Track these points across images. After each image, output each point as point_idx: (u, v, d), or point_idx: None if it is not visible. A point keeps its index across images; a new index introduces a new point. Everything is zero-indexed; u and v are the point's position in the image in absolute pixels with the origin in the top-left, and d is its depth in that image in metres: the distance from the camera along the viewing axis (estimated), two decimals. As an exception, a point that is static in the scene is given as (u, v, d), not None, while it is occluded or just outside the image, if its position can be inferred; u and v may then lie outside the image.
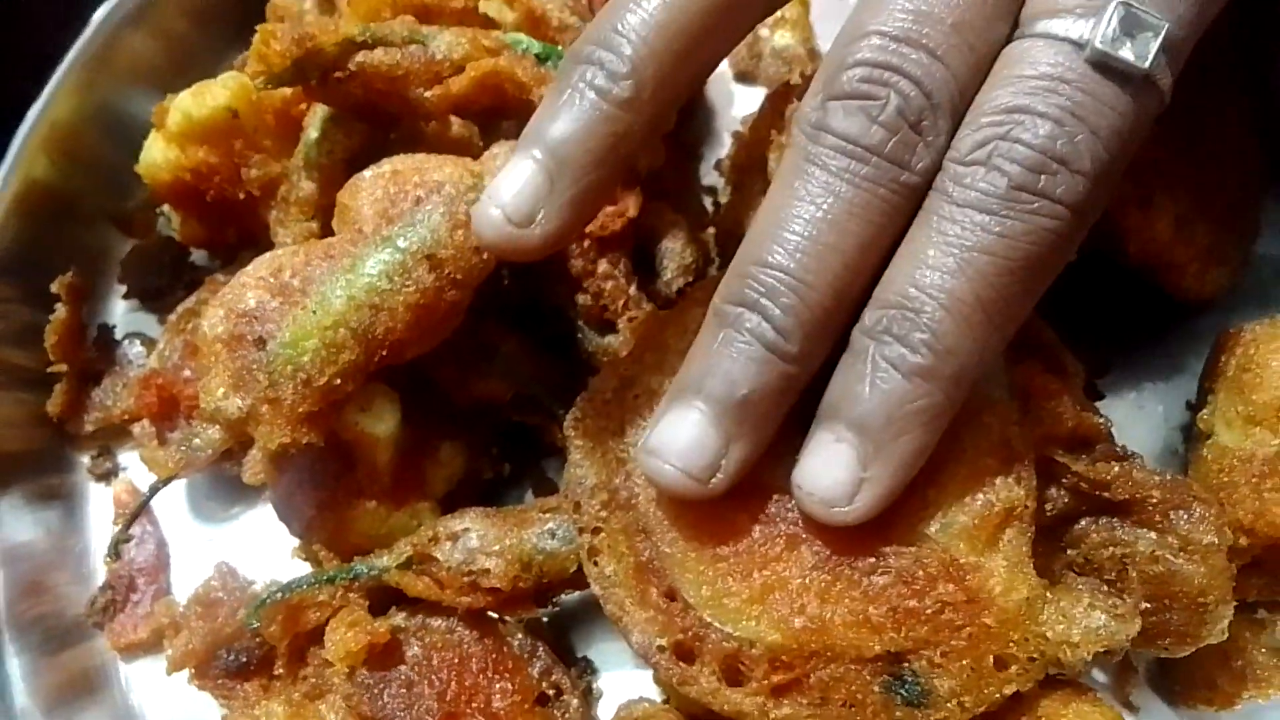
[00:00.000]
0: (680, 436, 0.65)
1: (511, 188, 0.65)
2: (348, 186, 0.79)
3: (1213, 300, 0.88)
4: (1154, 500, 0.67)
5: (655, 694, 0.83)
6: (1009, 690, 0.64)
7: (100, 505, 0.98)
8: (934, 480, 0.66)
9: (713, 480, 0.65)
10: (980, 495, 0.66)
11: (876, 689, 0.64)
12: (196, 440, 0.86)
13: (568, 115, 0.64)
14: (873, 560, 0.65)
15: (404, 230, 0.75)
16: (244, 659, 0.84)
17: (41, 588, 0.93)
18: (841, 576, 0.65)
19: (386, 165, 0.79)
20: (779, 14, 1.09)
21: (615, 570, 0.70)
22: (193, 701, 0.86)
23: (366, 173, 0.79)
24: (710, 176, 1.04)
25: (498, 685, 0.78)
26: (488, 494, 0.89)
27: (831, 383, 0.65)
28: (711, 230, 0.96)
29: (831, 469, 0.64)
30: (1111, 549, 0.68)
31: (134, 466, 0.98)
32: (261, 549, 0.92)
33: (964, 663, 0.64)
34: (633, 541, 0.70)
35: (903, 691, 0.64)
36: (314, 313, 0.73)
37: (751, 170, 0.94)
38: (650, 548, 0.69)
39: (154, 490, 0.88)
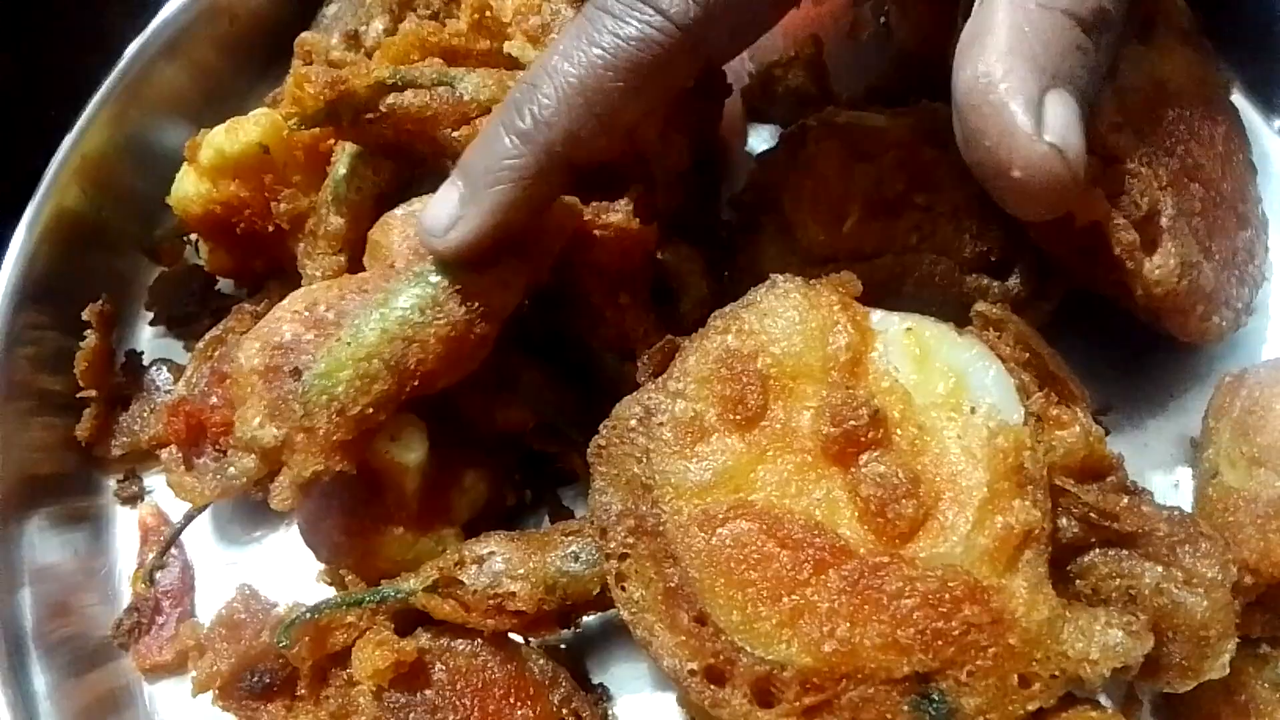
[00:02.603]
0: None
1: (432, 208, 0.76)
2: (380, 224, 0.82)
3: (1218, 343, 0.91)
4: (1161, 534, 0.69)
5: (671, 719, 0.85)
6: (1032, 707, 0.66)
7: (126, 528, 1.01)
8: (953, 502, 0.68)
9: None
10: (999, 518, 0.68)
11: (905, 708, 0.66)
12: (231, 469, 0.88)
13: (482, 148, 0.75)
14: (900, 584, 0.67)
15: (436, 266, 0.77)
16: (268, 680, 0.85)
17: (68, 608, 0.95)
18: (869, 600, 0.67)
19: (417, 204, 0.82)
20: (792, 54, 1.13)
21: (644, 595, 0.72)
22: (216, 723, 0.87)
23: (398, 211, 0.82)
24: (726, 213, 1.07)
25: (519, 712, 0.79)
26: (507, 520, 0.91)
27: None
28: (726, 265, 0.98)
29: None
30: (1118, 580, 0.70)
31: (160, 490, 1.01)
32: (284, 572, 0.94)
33: (989, 681, 0.66)
34: (660, 567, 0.72)
35: (931, 711, 0.66)
36: (348, 345, 0.75)
37: (765, 210, 0.97)
38: (679, 573, 0.71)
39: (189, 518, 0.90)
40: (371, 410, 0.75)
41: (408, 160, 0.91)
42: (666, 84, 0.75)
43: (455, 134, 0.86)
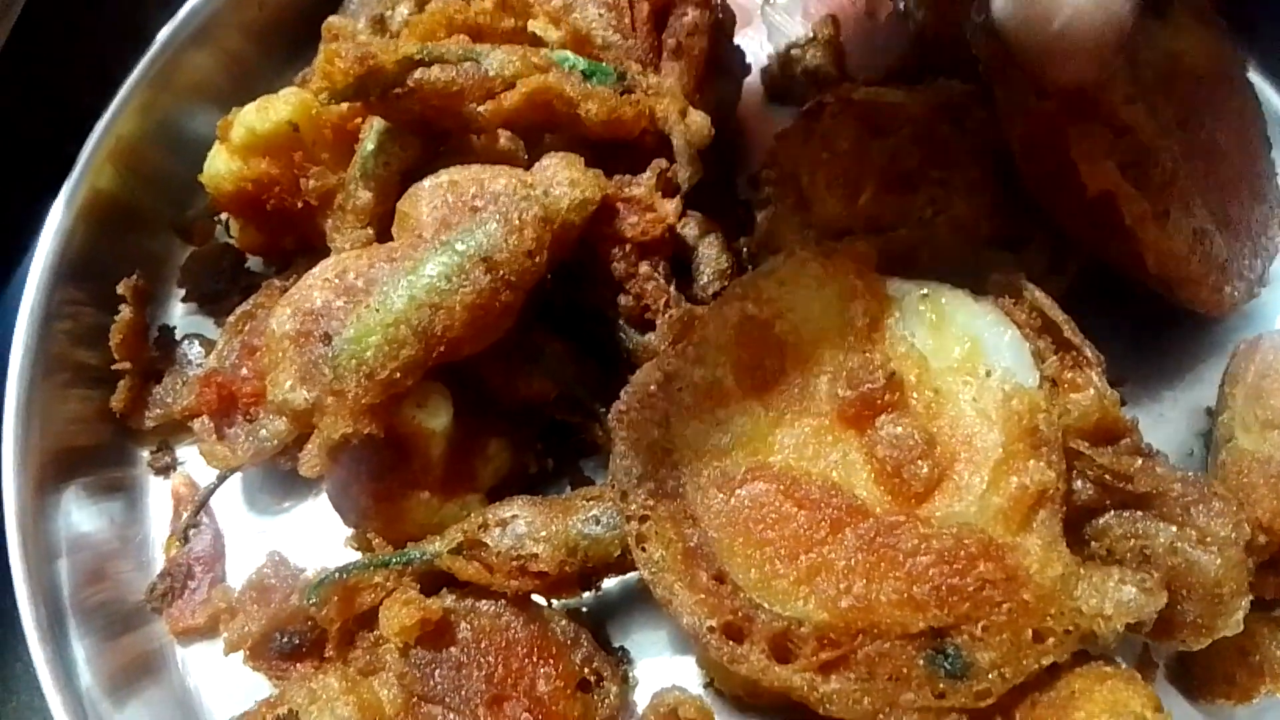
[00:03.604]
0: None
1: None
2: (408, 195, 0.84)
3: (1232, 314, 0.92)
4: (1174, 494, 0.70)
5: (689, 682, 0.87)
6: (1046, 661, 0.68)
7: (159, 498, 1.03)
8: (968, 463, 0.70)
9: None
10: (1014, 478, 0.70)
11: (921, 663, 0.68)
12: (263, 431, 0.90)
13: None
14: (915, 542, 0.69)
15: (462, 235, 0.79)
16: (296, 641, 0.88)
17: (104, 575, 0.98)
18: (885, 557, 0.69)
19: (445, 175, 0.84)
20: (810, 35, 1.14)
21: (664, 556, 0.74)
22: (246, 683, 0.90)
23: (426, 182, 0.84)
24: (743, 190, 1.08)
25: (542, 670, 0.81)
26: (530, 489, 0.92)
27: None
28: (744, 239, 1.00)
29: None
30: (1132, 541, 0.71)
31: (192, 461, 1.03)
32: (313, 540, 0.96)
33: (1004, 636, 0.68)
34: (680, 528, 0.74)
35: (946, 665, 0.68)
36: (377, 311, 0.77)
37: (783, 185, 0.98)
38: (698, 534, 0.73)
39: (221, 479, 0.92)
40: (399, 375, 0.77)
41: (434, 136, 0.92)
42: None
43: (480, 108, 0.88)
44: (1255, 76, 1.00)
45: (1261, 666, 0.78)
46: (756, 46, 1.14)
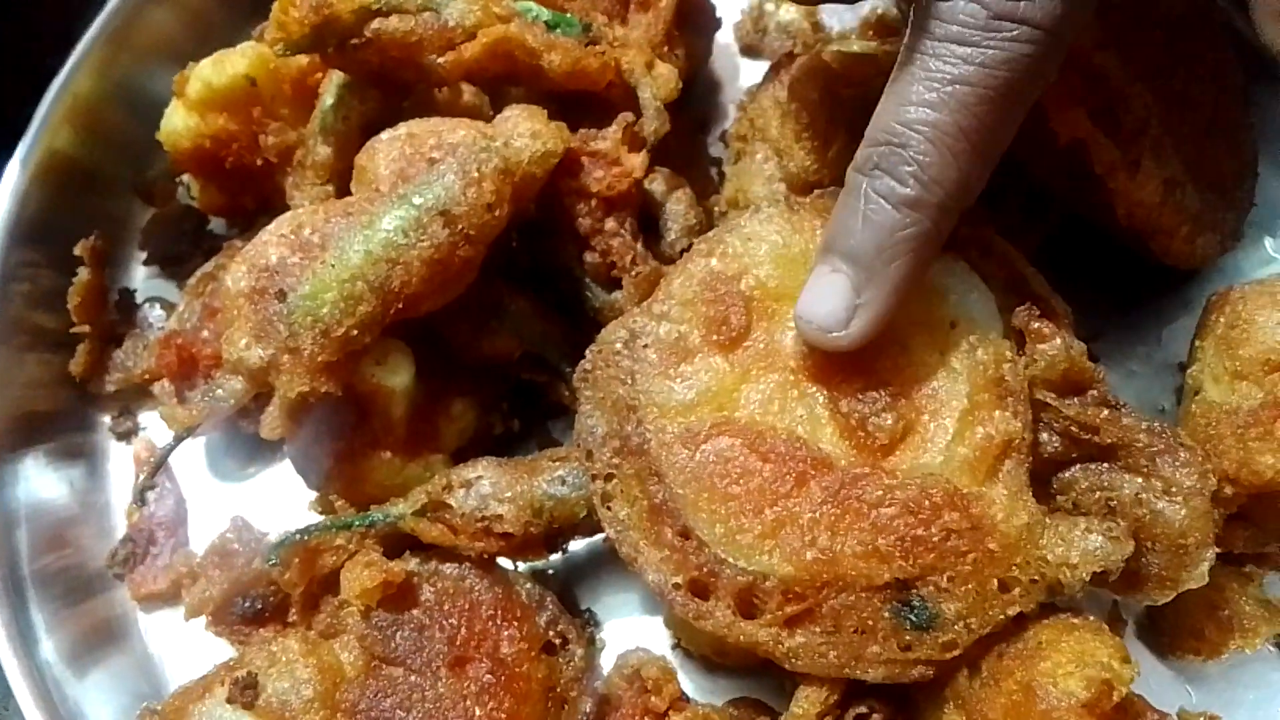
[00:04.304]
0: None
1: (821, 303, 0.69)
2: (365, 149, 0.82)
3: (1205, 266, 0.91)
4: (1140, 445, 0.70)
5: (657, 644, 0.86)
6: (1012, 611, 0.67)
7: (121, 463, 1.01)
8: (934, 415, 0.69)
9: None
10: (979, 429, 0.69)
11: (886, 615, 0.67)
12: (219, 391, 0.88)
13: (864, 227, 0.67)
14: (879, 493, 0.68)
15: (420, 189, 0.77)
16: (259, 606, 0.86)
17: (63, 541, 0.96)
18: (850, 509, 0.68)
19: (403, 129, 0.82)
20: (784, -10, 1.12)
21: (629, 514, 0.73)
22: (209, 648, 0.88)
23: (384, 135, 0.82)
24: (716, 149, 1.07)
25: (506, 632, 0.80)
26: (496, 450, 0.91)
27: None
28: (715, 198, 0.98)
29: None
30: (1098, 493, 0.70)
31: (153, 426, 1.01)
32: (275, 505, 0.95)
33: (969, 586, 0.67)
34: (645, 485, 0.72)
35: (911, 617, 0.67)
36: (332, 267, 0.75)
37: (753, 139, 0.97)
38: (663, 490, 0.72)
39: (178, 439, 0.90)
40: (356, 332, 0.75)
41: (394, 89, 0.90)
42: (1037, 91, 0.65)
43: (440, 60, 0.86)
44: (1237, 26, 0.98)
45: (1231, 621, 0.78)
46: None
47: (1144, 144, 0.79)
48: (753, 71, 1.09)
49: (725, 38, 1.10)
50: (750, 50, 1.11)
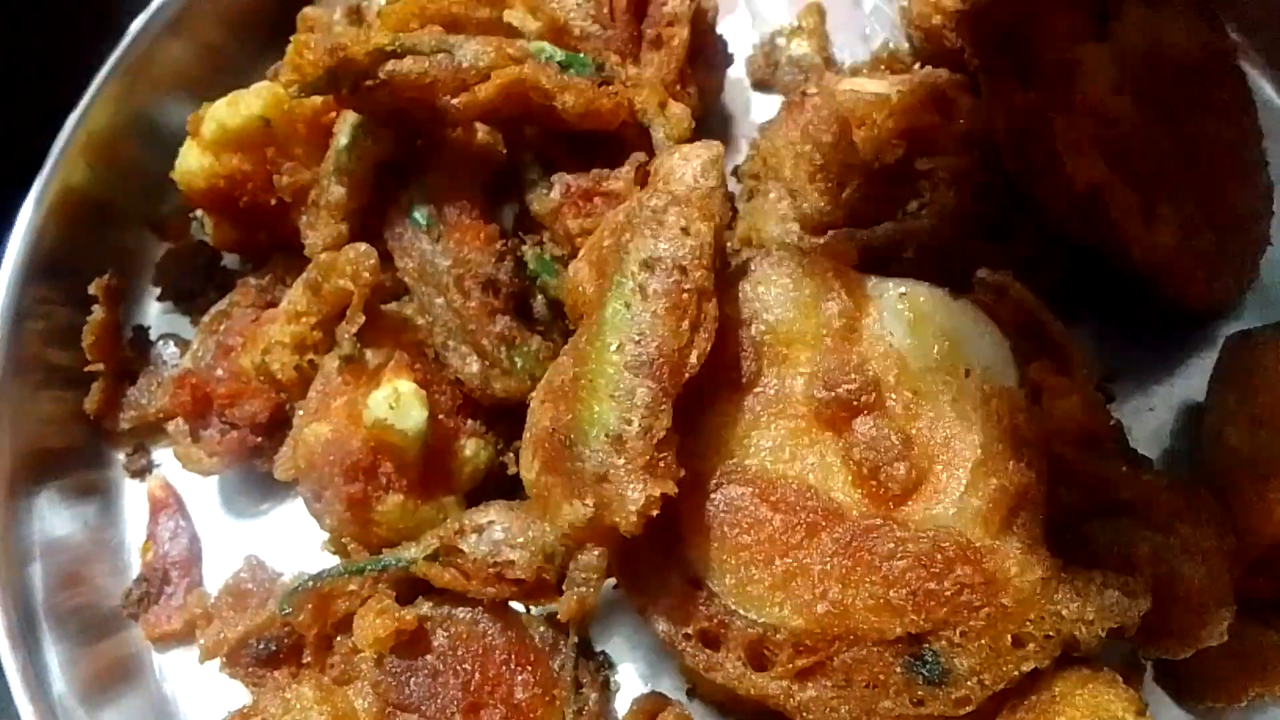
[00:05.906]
0: None
1: None
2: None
3: (1222, 308, 0.90)
4: (1159, 502, 0.69)
5: (672, 689, 0.86)
6: (1026, 667, 0.66)
7: (135, 500, 1.01)
8: (947, 465, 0.68)
9: None
10: (993, 480, 0.68)
11: (898, 669, 0.67)
12: (580, 574, 0.75)
13: None
14: (892, 546, 0.67)
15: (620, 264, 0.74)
16: (273, 648, 0.86)
17: (78, 579, 0.96)
18: (862, 561, 0.67)
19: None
20: (795, 23, 1.12)
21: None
22: (223, 690, 0.88)
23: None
24: (729, 182, 1.06)
25: (520, 677, 0.80)
26: (509, 491, 0.91)
27: None
28: (728, 234, 0.98)
29: None
30: (1117, 549, 0.69)
31: (168, 463, 1.01)
32: (289, 544, 0.95)
33: (983, 642, 0.66)
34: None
35: (924, 671, 0.66)
36: (590, 383, 0.71)
37: (766, 178, 0.96)
38: (673, 539, 0.71)
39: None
40: (651, 419, 0.70)
41: (408, 129, 0.91)
42: None
43: (454, 101, 0.86)
44: (1248, 67, 0.97)
45: (1250, 668, 0.77)
46: (740, 34, 1.12)
47: (1160, 187, 0.78)
48: (765, 105, 1.09)
49: (737, 72, 1.10)
50: (762, 85, 1.11)
